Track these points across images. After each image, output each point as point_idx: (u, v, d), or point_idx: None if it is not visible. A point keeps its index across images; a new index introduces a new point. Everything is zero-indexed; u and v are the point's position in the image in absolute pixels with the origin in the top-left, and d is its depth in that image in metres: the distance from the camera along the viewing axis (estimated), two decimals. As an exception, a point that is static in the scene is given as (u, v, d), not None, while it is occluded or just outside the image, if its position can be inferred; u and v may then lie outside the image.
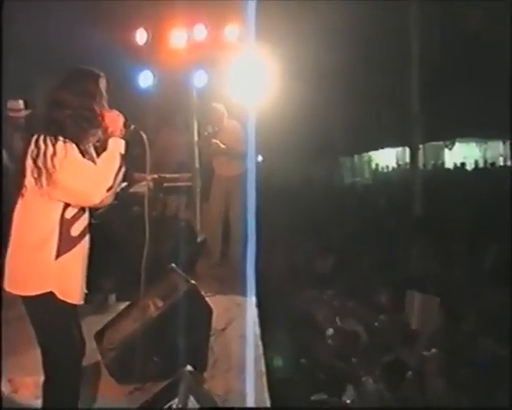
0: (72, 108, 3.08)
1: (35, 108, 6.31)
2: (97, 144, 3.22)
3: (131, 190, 6.48)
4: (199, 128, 8.15)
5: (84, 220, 3.15)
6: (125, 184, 6.02)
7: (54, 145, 2.96)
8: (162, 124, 8.65)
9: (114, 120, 3.21)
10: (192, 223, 7.85)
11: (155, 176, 7.13)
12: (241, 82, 7.28)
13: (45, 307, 3.03)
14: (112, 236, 4.94)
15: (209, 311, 4.45)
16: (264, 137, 7.74)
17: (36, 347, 3.17)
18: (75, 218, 3.09)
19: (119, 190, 4.75)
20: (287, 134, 15.94)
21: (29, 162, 2.97)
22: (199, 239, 7.62)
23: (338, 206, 15.01)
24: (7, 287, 3.08)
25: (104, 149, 3.16)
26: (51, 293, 3.03)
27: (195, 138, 8.25)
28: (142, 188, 6.54)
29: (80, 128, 3.10)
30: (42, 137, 2.98)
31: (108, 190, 3.04)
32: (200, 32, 7.74)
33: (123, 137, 3.21)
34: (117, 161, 3.11)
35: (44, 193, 2.97)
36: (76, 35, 7.46)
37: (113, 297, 5.87)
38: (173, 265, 4.84)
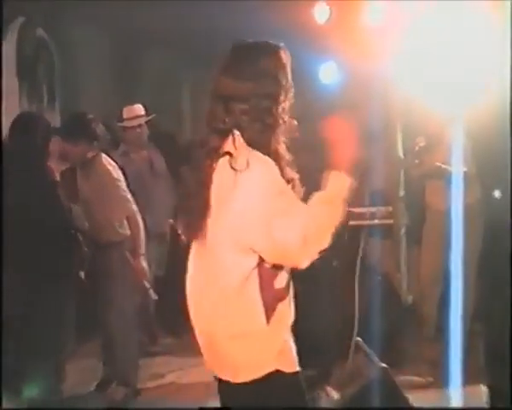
0: (242, 97, 2.41)
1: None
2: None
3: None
4: (404, 142, 6.76)
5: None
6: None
7: (235, 141, 2.34)
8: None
9: None
10: (394, 279, 6.80)
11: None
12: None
13: (273, 387, 2.50)
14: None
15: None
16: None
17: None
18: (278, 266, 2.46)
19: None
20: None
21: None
22: (405, 302, 6.77)
23: None
24: (223, 376, 2.55)
25: None
26: (276, 370, 2.57)
27: (400, 156, 6.74)
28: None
29: (263, 124, 2.38)
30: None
31: (321, 252, 2.43)
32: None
33: None
34: (339, 209, 2.41)
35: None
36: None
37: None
38: (359, 339, 4.73)
